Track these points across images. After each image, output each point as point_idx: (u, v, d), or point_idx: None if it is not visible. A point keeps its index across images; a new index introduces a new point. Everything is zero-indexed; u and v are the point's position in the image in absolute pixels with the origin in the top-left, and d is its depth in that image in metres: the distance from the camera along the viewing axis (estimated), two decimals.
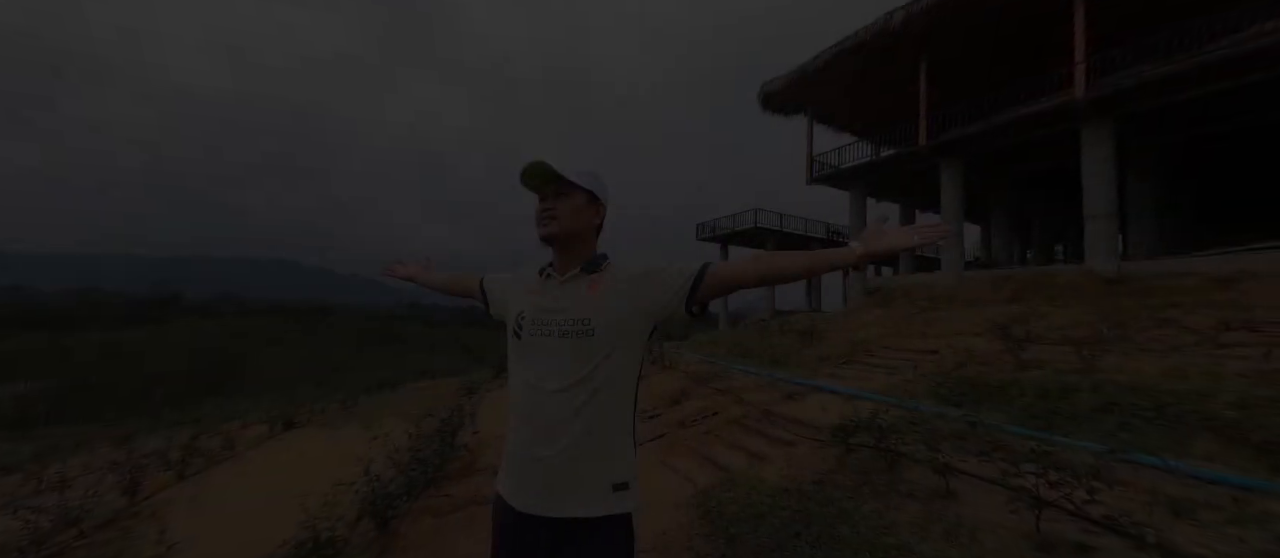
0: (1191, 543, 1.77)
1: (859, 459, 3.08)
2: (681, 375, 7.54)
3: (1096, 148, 9.67)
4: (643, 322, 1.05)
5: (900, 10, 11.66)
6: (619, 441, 1.04)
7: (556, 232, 1.09)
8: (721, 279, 1.03)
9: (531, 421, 1.04)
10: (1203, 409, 3.15)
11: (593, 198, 1.12)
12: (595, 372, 1.00)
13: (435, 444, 4.54)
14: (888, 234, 0.95)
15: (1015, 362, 4.83)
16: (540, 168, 1.08)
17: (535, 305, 1.12)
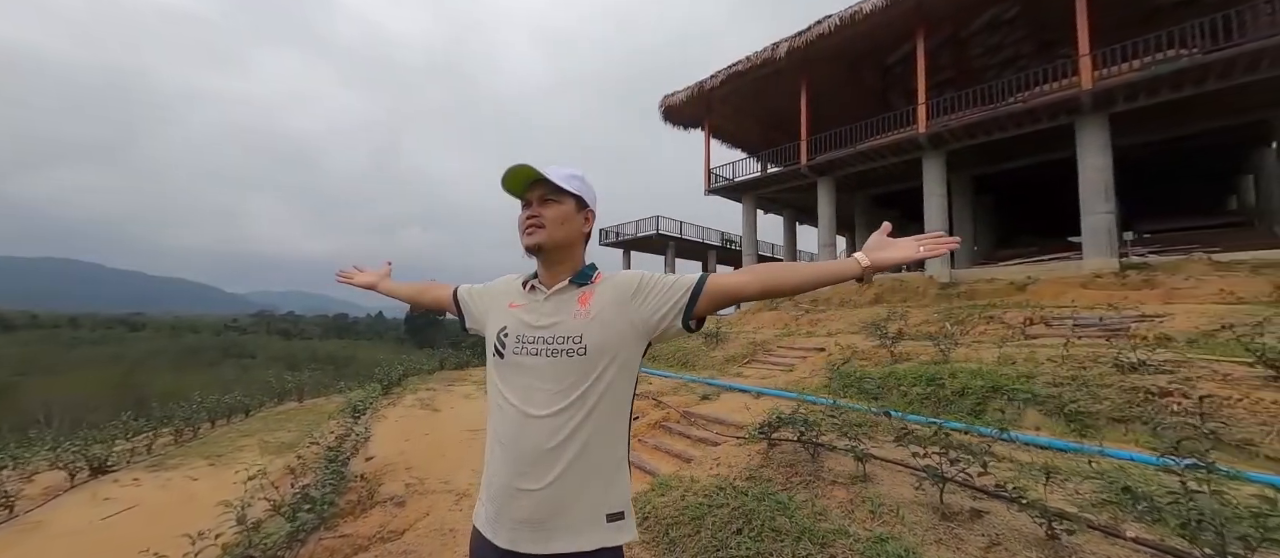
0: (1055, 499, 2.20)
1: (783, 453, 3.32)
2: None
3: (933, 174, 11.67)
4: (638, 339, 0.98)
5: (784, 42, 12.94)
6: (613, 468, 0.96)
7: (543, 241, 1.00)
8: (721, 292, 0.97)
9: (516, 448, 0.94)
10: (1027, 389, 3.95)
11: (581, 204, 1.04)
12: (588, 394, 0.92)
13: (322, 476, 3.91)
14: (892, 246, 0.94)
15: (891, 356, 5.59)
16: (524, 172, 1.00)
17: (519, 321, 1.02)
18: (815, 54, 12.83)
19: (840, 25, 11.85)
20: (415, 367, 12.16)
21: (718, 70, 14.57)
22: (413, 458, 4.95)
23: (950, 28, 12.42)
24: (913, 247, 0.93)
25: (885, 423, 3.39)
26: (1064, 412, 3.57)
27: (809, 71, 13.50)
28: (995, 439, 2.41)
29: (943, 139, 11.34)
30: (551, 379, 0.94)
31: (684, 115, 16.46)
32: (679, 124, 16.94)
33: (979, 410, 3.96)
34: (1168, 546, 1.86)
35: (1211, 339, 4.61)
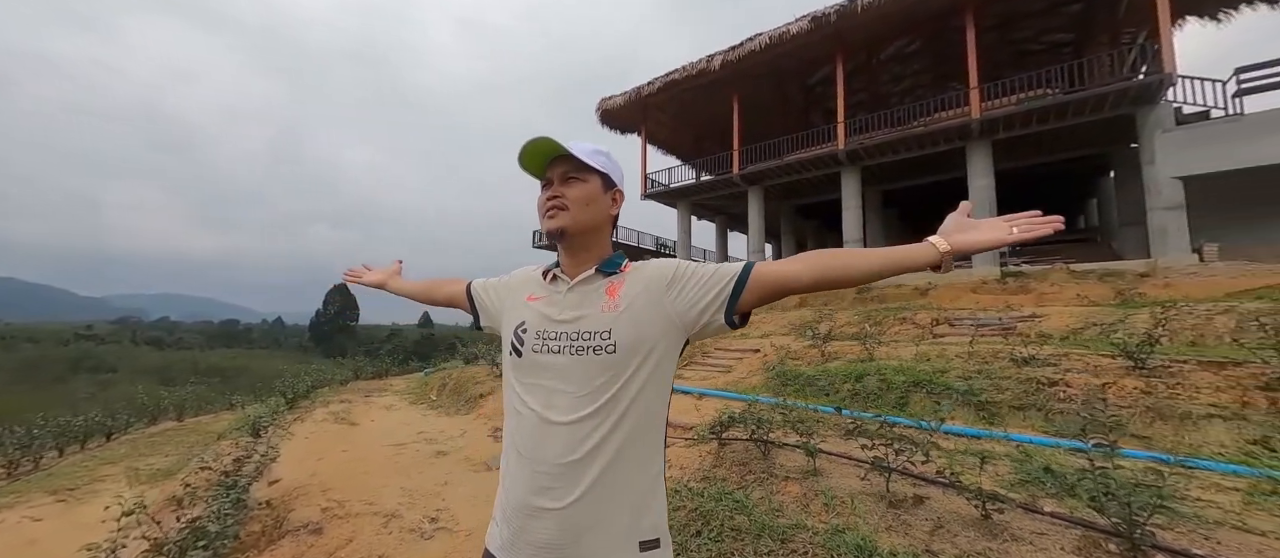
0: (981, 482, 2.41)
1: (735, 452, 3.37)
2: None
3: (850, 187, 12.65)
4: (675, 335, 0.86)
5: (719, 55, 13.45)
6: (647, 484, 0.84)
7: (567, 225, 0.89)
8: (770, 282, 0.83)
9: (536, 460, 0.82)
10: (944, 382, 4.36)
11: (608, 183, 0.93)
12: (618, 398, 0.81)
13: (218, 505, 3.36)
14: (976, 228, 0.80)
15: (822, 355, 5.93)
16: (545, 146, 0.89)
17: (539, 315, 0.91)
18: (747, 69, 13.47)
19: (770, 43, 12.54)
20: (325, 377, 11.04)
21: (655, 78, 14.82)
22: (329, 478, 4.44)
23: (865, 55, 13.60)
24: (1004, 228, 0.78)
25: (826, 419, 3.57)
26: (974, 402, 3.98)
27: (741, 85, 14.13)
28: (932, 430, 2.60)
29: (858, 156, 12.34)
30: (576, 381, 0.83)
31: (621, 119, 16.53)
32: (616, 128, 16.97)
33: (903, 403, 4.30)
34: (1077, 517, 2.11)
35: (1079, 335, 5.39)
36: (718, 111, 15.54)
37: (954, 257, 0.79)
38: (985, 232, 0.79)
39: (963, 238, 0.80)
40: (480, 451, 5.34)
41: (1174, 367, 3.72)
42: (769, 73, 14.10)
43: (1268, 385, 3.23)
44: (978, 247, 0.79)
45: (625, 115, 16.18)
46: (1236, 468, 2.61)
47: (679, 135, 17.81)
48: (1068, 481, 2.17)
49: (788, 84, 15.08)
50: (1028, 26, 13.00)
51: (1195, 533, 1.95)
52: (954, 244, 0.79)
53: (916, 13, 11.27)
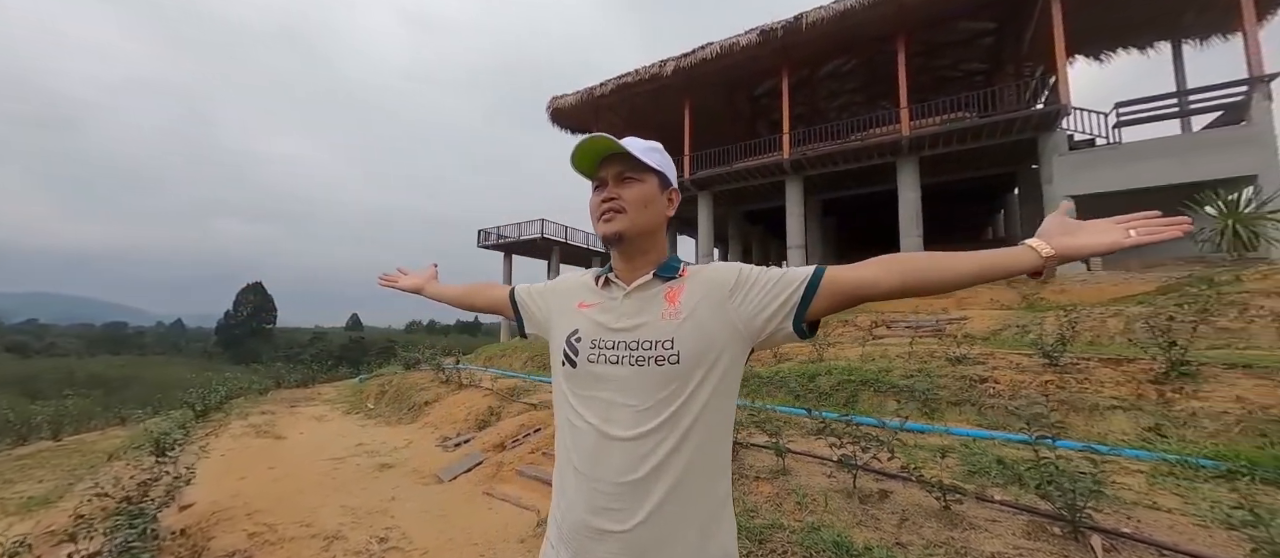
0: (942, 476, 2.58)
1: None
2: (484, 393, 6.89)
3: (794, 195, 13.26)
4: (739, 344, 0.81)
5: (672, 61, 13.65)
6: (716, 506, 0.79)
7: (624, 229, 0.84)
8: (844, 288, 0.77)
9: (595, 477, 0.78)
10: (889, 381, 4.65)
11: (664, 182, 0.88)
12: (682, 412, 0.76)
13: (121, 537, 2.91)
14: (1085, 231, 0.71)
15: (774, 356, 6.14)
16: (600, 145, 0.84)
17: (594, 323, 0.86)
18: (698, 76, 13.77)
19: (720, 53, 12.89)
20: (241, 386, 9.99)
21: (607, 79, 14.78)
22: (255, 500, 4.00)
23: (807, 71, 14.33)
24: (1118, 231, 0.69)
25: (790, 419, 3.69)
26: (917, 398, 4.27)
27: (692, 92, 14.41)
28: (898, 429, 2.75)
29: (801, 165, 12.96)
30: (637, 393, 0.78)
31: (573, 119, 16.33)
32: (567, 127, 16.75)
33: (853, 401, 4.54)
34: (1024, 504, 2.31)
35: (999, 336, 5.96)
36: (669, 116, 15.74)
37: (1059, 262, 0.71)
38: (1095, 235, 0.70)
39: (1070, 242, 0.71)
40: (429, 462, 5.04)
41: (1080, 364, 4.20)
42: (719, 81, 14.50)
43: (1156, 379, 3.73)
44: (1087, 252, 0.70)
45: (577, 115, 16.00)
46: (1143, 454, 2.98)
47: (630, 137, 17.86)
48: (1015, 471, 2.37)
49: (736, 93, 15.58)
50: (948, 55, 14.26)
51: (1119, 514, 2.19)
52: (1059, 248, 0.71)
53: (854, 35, 12.04)
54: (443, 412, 6.70)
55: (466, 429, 5.89)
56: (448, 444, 5.50)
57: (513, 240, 18.69)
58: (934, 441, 3.29)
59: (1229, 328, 4.62)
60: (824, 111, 16.89)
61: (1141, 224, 0.69)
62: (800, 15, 11.69)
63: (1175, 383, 3.63)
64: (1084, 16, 10.95)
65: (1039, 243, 0.72)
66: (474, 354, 12.07)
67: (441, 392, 7.58)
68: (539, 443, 4.76)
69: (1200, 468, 2.79)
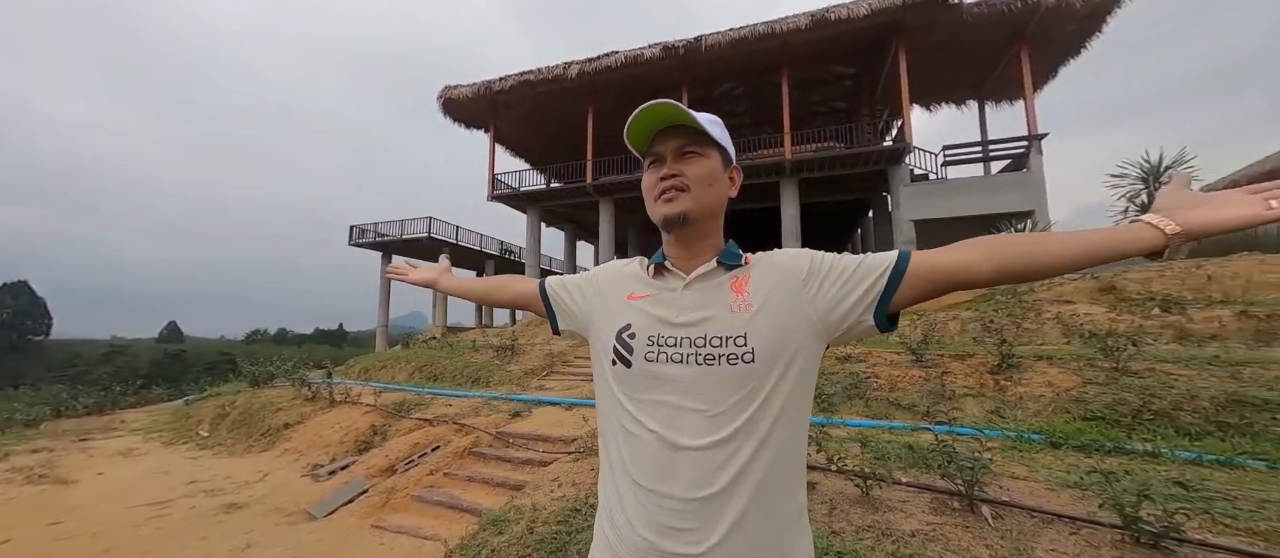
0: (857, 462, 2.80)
1: None
2: (364, 410, 6.01)
3: None
4: (815, 340, 0.72)
5: (577, 64, 13.53)
6: (793, 517, 0.71)
7: (689, 209, 0.74)
8: (937, 273, 0.68)
9: (661, 493, 0.68)
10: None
11: (727, 158, 0.79)
12: (759, 416, 0.68)
13: None
14: (1218, 204, 0.61)
15: None
16: (664, 113, 0.74)
17: (650, 317, 0.76)
18: (601, 83, 13.83)
19: (625, 63, 13.11)
20: None
21: (508, 75, 14.15)
22: None
23: (703, 90, 15.21)
24: (1258, 204, 0.58)
25: None
26: (817, 396, 4.68)
27: (596, 97, 14.41)
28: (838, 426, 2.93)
29: None
30: (707, 397, 0.69)
31: (467, 113, 15.32)
32: (460, 121, 15.66)
33: None
34: (924, 482, 2.60)
35: None
36: (571, 119, 15.56)
37: (1185, 239, 0.61)
38: (1226, 208, 0.59)
39: (1200, 215, 0.60)
40: (295, 496, 4.22)
41: (938, 360, 4.96)
42: (622, 90, 14.71)
43: (992, 371, 4.54)
44: (1219, 227, 0.60)
45: (473, 109, 15.03)
46: (996, 432, 3.58)
47: (529, 138, 17.28)
48: (921, 455, 2.68)
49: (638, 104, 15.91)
50: (819, 92, 16.22)
51: (993, 484, 2.59)
52: (1187, 224, 0.60)
53: (745, 62, 13.10)
54: (309, 435, 5.70)
55: (343, 453, 5.07)
56: (319, 473, 4.67)
57: (393, 240, 16.85)
58: (839, 433, 3.60)
59: (1030, 329, 5.83)
60: None
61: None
62: (700, 37, 12.38)
63: (1006, 374, 4.45)
64: (918, 76, 13.23)
65: (1161, 219, 0.61)
66: (346, 366, 10.55)
67: (306, 411, 6.46)
68: (440, 462, 4.26)
69: (1032, 441, 3.44)
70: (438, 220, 16.87)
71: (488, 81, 14.20)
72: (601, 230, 14.74)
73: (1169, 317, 5.59)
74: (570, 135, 16.57)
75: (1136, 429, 3.53)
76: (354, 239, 16.84)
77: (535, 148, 17.70)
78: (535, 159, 17.89)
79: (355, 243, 16.90)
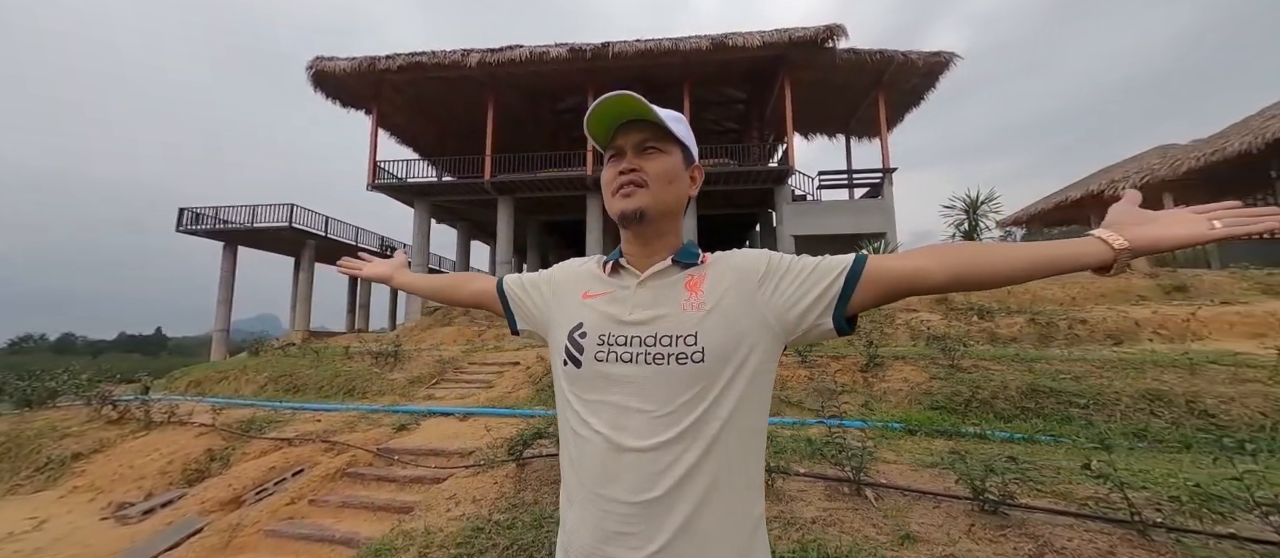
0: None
1: (538, 471, 3.12)
2: (197, 431, 4.94)
3: (595, 212, 13.89)
4: (772, 341, 0.71)
5: (477, 53, 12.78)
6: (748, 529, 0.68)
7: (647, 205, 0.73)
8: (892, 278, 0.68)
9: (604, 498, 0.67)
10: None
11: (688, 156, 0.78)
12: (708, 418, 0.66)
13: None
14: (1163, 222, 0.62)
15: None
16: (624, 106, 0.72)
17: (602, 316, 0.75)
18: (503, 76, 13.24)
19: (530, 58, 12.69)
20: None
21: (396, 53, 12.87)
22: None
23: None
24: (1202, 223, 0.60)
25: None
26: None
27: (496, 91, 13.75)
28: None
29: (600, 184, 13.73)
30: (655, 397, 0.67)
31: (346, 90, 13.63)
32: (336, 98, 13.88)
33: None
34: (817, 472, 2.83)
35: None
36: (470, 111, 14.65)
37: (1132, 255, 0.62)
38: (1175, 225, 0.61)
39: (1145, 232, 0.62)
40: (88, 546, 3.32)
41: (820, 361, 5.51)
42: (525, 87, 14.24)
43: (862, 369, 5.16)
44: (1165, 244, 0.61)
45: (353, 86, 13.39)
46: (869, 423, 4.04)
47: (420, 126, 15.90)
48: (816, 447, 2.91)
49: (541, 103, 15.54)
50: (715, 111, 17.31)
51: (872, 469, 2.91)
52: (1135, 240, 0.61)
53: (649, 74, 13.49)
54: (114, 466, 4.53)
55: (166, 486, 4.11)
56: (128, 514, 3.72)
57: (240, 227, 14.26)
58: None
59: (889, 333, 6.77)
60: None
61: (1228, 215, 0.60)
62: (608, 44, 12.47)
63: (873, 372, 5.09)
64: (799, 107, 14.80)
65: (1110, 234, 0.62)
66: (170, 379, 8.61)
67: (109, 436, 5.13)
68: (305, 488, 3.64)
69: (894, 430, 3.95)
70: (303, 209, 14.67)
71: (371, 58, 12.78)
72: (499, 231, 14.04)
73: (984, 323, 6.89)
74: (468, 128, 15.61)
75: (968, 415, 4.25)
76: (185, 225, 13.92)
77: (426, 137, 16.34)
78: (426, 149, 16.51)
79: (185, 229, 13.99)
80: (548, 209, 15.99)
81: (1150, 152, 15.89)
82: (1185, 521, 2.18)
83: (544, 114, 16.34)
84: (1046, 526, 2.24)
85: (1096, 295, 7.63)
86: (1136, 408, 4.01)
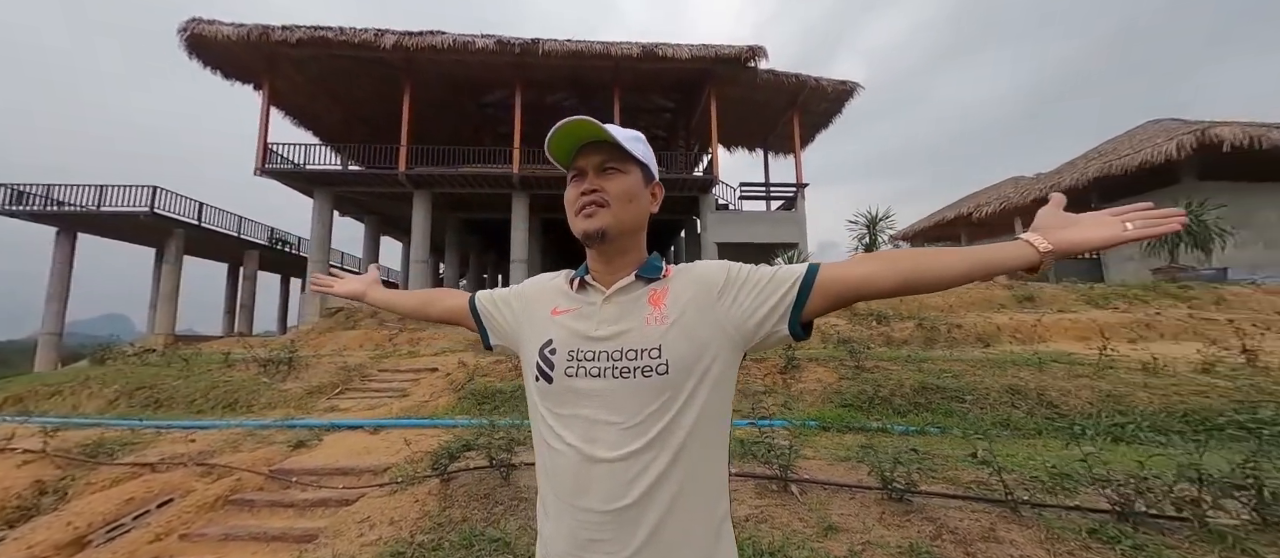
0: None
1: (466, 486, 2.92)
2: (21, 459, 4.03)
3: (520, 211, 13.47)
4: (732, 350, 0.74)
5: (393, 34, 11.87)
6: (713, 528, 0.72)
7: (608, 225, 0.75)
8: (843, 285, 0.71)
9: (579, 508, 0.70)
10: None
11: (648, 175, 0.81)
12: (674, 426, 0.69)
13: None
14: (1082, 225, 0.68)
15: (515, 370, 5.97)
16: (583, 129, 0.75)
17: (571, 332, 0.78)
18: (422, 62, 12.42)
19: (452, 46, 12.02)
20: None
21: (295, 25, 11.56)
22: None
23: (536, 94, 14.96)
24: (1116, 225, 0.66)
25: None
26: None
27: (414, 77, 12.85)
28: None
29: (530, 182, 13.34)
30: (623, 409, 0.70)
31: (230, 60, 11.98)
32: (218, 68, 12.15)
33: None
34: (748, 471, 2.96)
35: None
36: (382, 96, 13.55)
37: (1056, 257, 0.67)
38: (1093, 229, 0.67)
39: (1067, 235, 0.67)
40: None
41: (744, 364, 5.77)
42: (447, 77, 13.47)
43: (781, 371, 5.50)
44: (1085, 246, 0.67)
45: (240, 57, 11.78)
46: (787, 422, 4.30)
47: (322, 107, 14.40)
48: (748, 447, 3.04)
49: (463, 95, 14.76)
50: (644, 118, 17.59)
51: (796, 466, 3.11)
52: (1057, 242, 0.67)
53: (580, 75, 13.42)
54: None
55: None
56: None
57: (83, 211, 11.91)
58: None
59: None
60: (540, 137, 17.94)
61: (1139, 217, 0.66)
62: (538, 40, 12.18)
63: (790, 373, 5.44)
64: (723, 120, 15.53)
65: (1036, 237, 0.68)
66: None
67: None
68: (172, 522, 3.12)
69: (810, 427, 4.26)
70: (165, 192, 12.60)
71: (264, 27, 11.36)
72: (415, 226, 13.10)
73: (881, 327, 7.66)
74: (380, 114, 14.43)
75: (872, 412, 4.70)
76: (5, 204, 11.34)
77: (330, 121, 14.85)
78: (330, 134, 15.00)
79: (9, 210, 11.40)
80: (470, 206, 15.23)
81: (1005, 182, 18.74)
82: (1044, 497, 2.58)
83: (467, 107, 15.56)
84: (942, 509, 2.53)
85: (969, 303, 8.82)
86: (1001, 401, 4.69)
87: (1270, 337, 6.24)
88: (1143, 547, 2.11)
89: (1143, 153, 11.80)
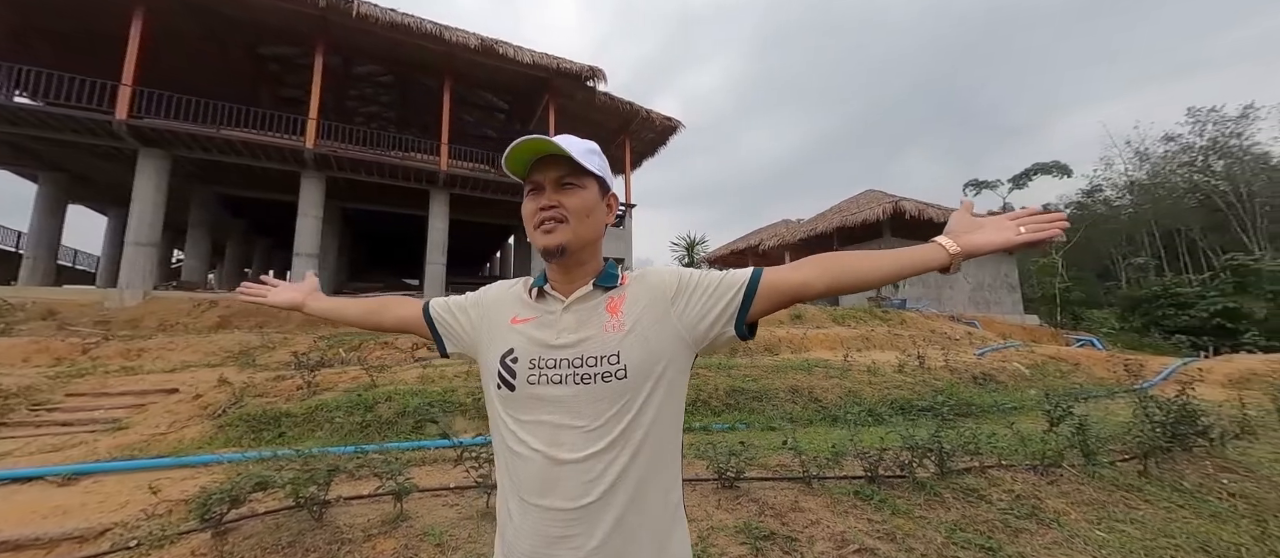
0: None
1: (254, 537, 2.25)
2: None
3: (312, 195, 11.16)
4: (684, 352, 0.80)
5: None
6: (668, 516, 0.78)
7: (568, 241, 0.79)
8: (781, 290, 0.78)
9: (546, 506, 0.73)
10: (453, 401, 4.75)
11: (603, 188, 0.85)
12: (633, 427, 0.74)
13: None
14: (985, 228, 0.77)
15: (308, 387, 4.88)
16: (538, 146, 0.78)
17: (532, 340, 0.81)
18: None
19: None
20: None
21: None
22: None
23: (341, 60, 12.73)
24: (1011, 228, 0.75)
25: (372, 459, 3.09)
26: (484, 414, 4.60)
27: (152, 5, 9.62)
28: None
29: (329, 162, 11.21)
30: (585, 413, 0.74)
31: None
32: None
33: (420, 426, 4.32)
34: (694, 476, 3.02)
35: None
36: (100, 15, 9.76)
37: (964, 258, 0.76)
38: (992, 233, 0.76)
39: (971, 239, 0.76)
40: None
41: None
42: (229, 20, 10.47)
43: None
44: (987, 248, 0.76)
45: None
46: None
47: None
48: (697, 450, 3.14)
49: (234, 40, 11.61)
50: (475, 114, 16.59)
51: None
52: (964, 245, 0.75)
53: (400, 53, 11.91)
54: None
55: None
56: None
57: None
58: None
59: None
60: (349, 114, 15.42)
61: (1029, 222, 0.76)
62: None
63: None
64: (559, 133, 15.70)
65: (947, 241, 0.76)
66: None
67: None
68: None
69: None
70: None
71: None
72: (137, 197, 9.65)
73: None
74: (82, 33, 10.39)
75: (695, 413, 5.28)
76: None
77: None
78: None
79: None
80: (237, 181, 12.01)
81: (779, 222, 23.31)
82: (825, 471, 3.31)
83: (239, 57, 12.29)
84: (761, 490, 3.01)
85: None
86: (786, 399, 5.80)
87: (931, 347, 9.17)
88: (886, 500, 2.89)
89: (863, 213, 16.16)
